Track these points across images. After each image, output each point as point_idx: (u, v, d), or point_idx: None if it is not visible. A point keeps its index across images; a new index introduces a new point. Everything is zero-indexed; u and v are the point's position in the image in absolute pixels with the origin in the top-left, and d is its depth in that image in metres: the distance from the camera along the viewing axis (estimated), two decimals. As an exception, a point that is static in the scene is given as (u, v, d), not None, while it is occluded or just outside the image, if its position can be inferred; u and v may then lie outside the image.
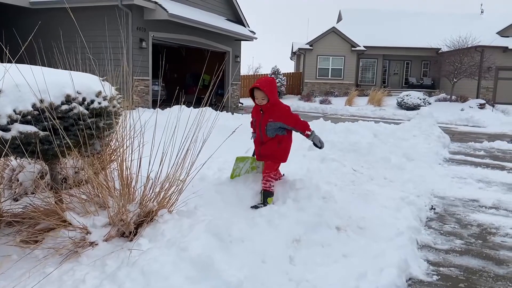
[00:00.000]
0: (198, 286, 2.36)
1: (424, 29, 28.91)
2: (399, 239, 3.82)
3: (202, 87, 20.81)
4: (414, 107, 20.61)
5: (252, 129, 4.42)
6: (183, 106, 5.09)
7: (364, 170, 6.05)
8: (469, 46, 23.13)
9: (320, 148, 4.35)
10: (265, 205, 3.92)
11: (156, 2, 13.76)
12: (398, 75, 31.30)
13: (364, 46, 27.99)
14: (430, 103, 21.48)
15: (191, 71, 20.56)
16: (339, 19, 33.42)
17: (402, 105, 21.45)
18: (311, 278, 3.03)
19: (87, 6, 13.05)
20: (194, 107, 4.48)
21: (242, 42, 20.66)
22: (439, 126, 11.12)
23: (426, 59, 29.93)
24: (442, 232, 4.32)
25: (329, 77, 28.78)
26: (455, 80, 23.02)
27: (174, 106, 9.30)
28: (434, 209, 5.06)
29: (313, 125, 9.97)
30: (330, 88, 28.28)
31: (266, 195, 4.02)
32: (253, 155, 4.49)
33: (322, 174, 5.31)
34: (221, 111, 4.37)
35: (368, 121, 11.79)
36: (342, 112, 20.26)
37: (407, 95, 21.77)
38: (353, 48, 28.09)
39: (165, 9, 13.63)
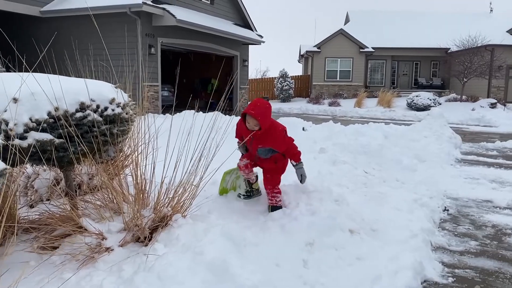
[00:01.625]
0: (214, 290, 2.38)
1: (433, 29, 28.75)
2: (413, 241, 3.81)
3: (210, 91, 20.98)
4: (424, 108, 20.48)
5: (238, 139, 4.13)
6: (193, 111, 5.12)
7: (376, 172, 6.02)
8: (478, 45, 22.95)
9: (301, 181, 4.02)
10: None
11: (164, 9, 13.87)
12: (407, 75, 31.13)
13: (372, 48, 27.90)
14: (440, 104, 21.34)
15: (200, 76, 20.68)
16: (347, 20, 33.37)
17: (412, 106, 21.33)
18: (325, 281, 3.02)
19: (96, 14, 13.20)
20: (203, 112, 4.52)
21: (249, 46, 20.73)
22: (450, 127, 11.03)
23: (435, 59, 29.74)
24: (456, 233, 4.29)
25: (338, 79, 28.73)
26: (465, 79, 22.85)
27: (183, 111, 9.32)
28: (448, 210, 5.03)
29: (322, 127, 10.03)
30: (338, 90, 28.22)
31: (275, 209, 3.89)
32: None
33: (333, 177, 5.29)
34: (230, 115, 4.38)
35: (378, 122, 11.75)
36: (352, 114, 20.20)
37: (416, 96, 21.66)
38: (361, 50, 28.01)
39: (173, 15, 13.73)
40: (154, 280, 2.38)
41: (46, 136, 2.77)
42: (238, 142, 4.16)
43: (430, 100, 21.24)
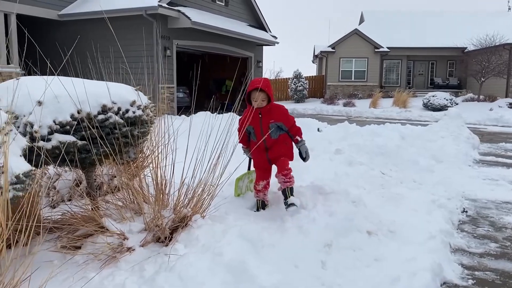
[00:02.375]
0: (234, 290, 2.41)
1: (449, 29, 28.42)
2: (432, 242, 3.78)
3: (224, 92, 21.07)
4: (441, 108, 20.24)
5: (242, 144, 4.11)
6: (208, 112, 5.16)
7: (393, 173, 5.98)
8: (496, 44, 22.61)
9: (304, 159, 4.04)
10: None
11: (179, 11, 14.00)
12: (423, 75, 30.82)
13: (388, 47, 27.70)
14: (457, 104, 21.06)
15: (214, 77, 20.78)
16: (361, 20, 33.19)
17: (428, 106, 21.09)
18: (343, 282, 3.02)
19: (113, 17, 13.38)
20: (218, 113, 4.56)
21: (263, 46, 20.77)
22: (468, 127, 10.89)
23: (451, 59, 29.38)
24: (475, 235, 4.24)
25: (352, 79, 28.59)
26: (482, 79, 22.52)
27: (198, 113, 9.39)
28: (466, 211, 4.97)
29: (337, 128, 10.00)
30: (353, 90, 28.08)
31: (292, 190, 3.94)
32: (248, 168, 4.34)
33: (350, 178, 5.28)
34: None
35: (394, 123, 11.66)
36: (367, 114, 20.05)
37: (433, 96, 21.41)
38: (376, 50, 27.83)
39: (188, 17, 13.85)
40: (175, 280, 2.42)
41: (69, 138, 2.84)
42: (242, 147, 4.14)
43: (447, 100, 20.97)
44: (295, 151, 4.10)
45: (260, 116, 3.84)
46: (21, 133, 2.71)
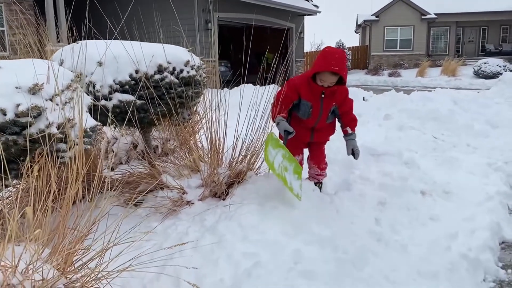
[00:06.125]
0: (293, 239, 2.46)
1: (502, -9, 26.57)
2: (489, 203, 3.69)
3: (265, 66, 20.89)
4: (493, 76, 19.21)
5: (279, 115, 3.06)
6: (251, 85, 5.15)
7: (446, 138, 5.81)
8: (557, 5, 20.99)
9: (354, 157, 3.28)
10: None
11: (220, -18, 13.91)
12: (473, 42, 29.18)
13: (435, 14, 26.35)
14: (511, 71, 19.89)
15: (255, 50, 20.60)
16: (407, -13, 31.68)
17: (480, 74, 20.08)
18: (399, 239, 3.01)
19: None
20: (261, 86, 4.55)
21: (305, 17, 20.34)
22: (525, 93, 10.28)
23: (505, 24, 27.56)
24: (535, 197, 4.07)
25: (398, 48, 27.51)
26: (540, 44, 21.09)
27: (240, 85, 9.49)
28: (525, 175, 4.76)
29: (384, 97, 9.73)
30: (399, 60, 27.06)
31: (321, 186, 3.53)
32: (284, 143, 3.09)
33: (401, 142, 5.18)
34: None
35: (444, 90, 11.20)
36: (414, 83, 19.36)
37: (484, 63, 20.35)
38: (423, 17, 26.56)
39: (229, -12, 13.75)
40: (235, 228, 2.50)
41: (129, 97, 2.95)
42: (279, 119, 3.05)
43: (500, 67, 19.87)
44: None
45: (322, 96, 3.13)
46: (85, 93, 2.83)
